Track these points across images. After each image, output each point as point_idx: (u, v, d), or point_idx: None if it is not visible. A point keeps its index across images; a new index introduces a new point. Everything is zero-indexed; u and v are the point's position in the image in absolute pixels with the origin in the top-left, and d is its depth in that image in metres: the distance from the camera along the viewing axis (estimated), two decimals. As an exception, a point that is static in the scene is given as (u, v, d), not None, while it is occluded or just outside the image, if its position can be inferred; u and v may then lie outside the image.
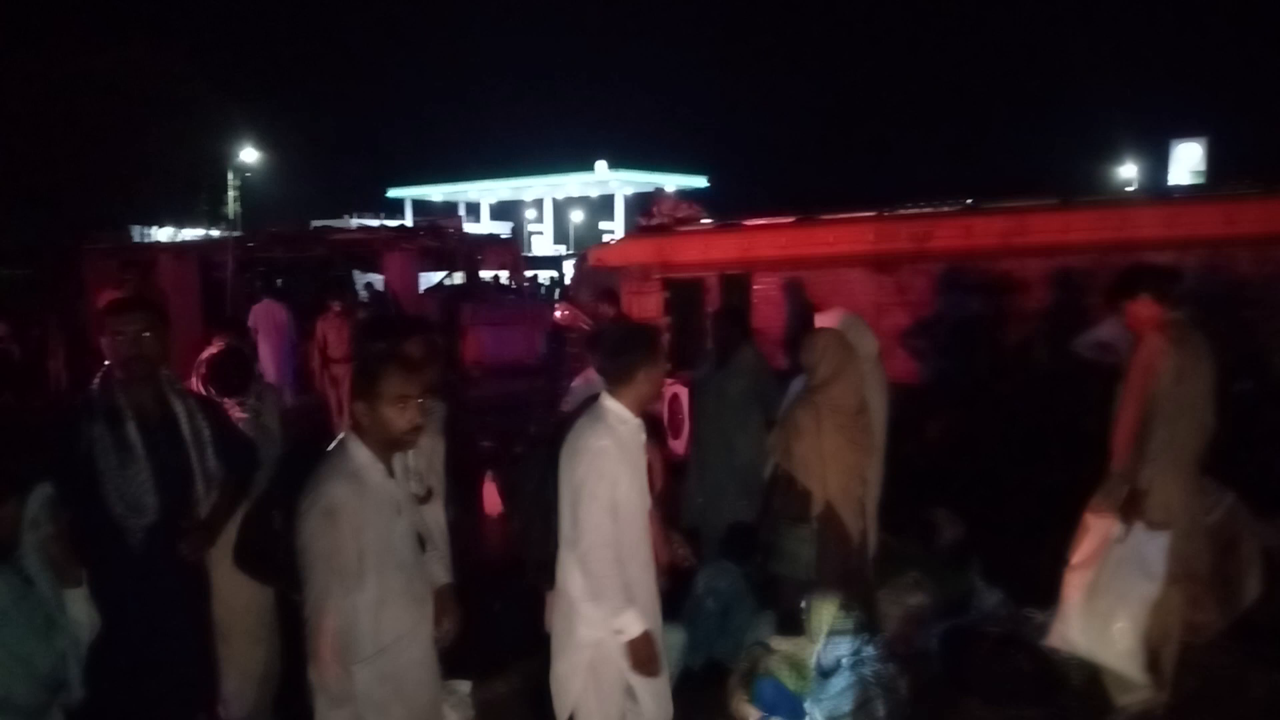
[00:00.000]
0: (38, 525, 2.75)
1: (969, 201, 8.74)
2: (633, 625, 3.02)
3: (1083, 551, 4.20)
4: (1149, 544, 3.97)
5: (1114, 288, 4.16)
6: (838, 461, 4.11)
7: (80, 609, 2.88)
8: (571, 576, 3.09)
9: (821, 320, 4.73)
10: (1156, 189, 22.69)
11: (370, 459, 2.79)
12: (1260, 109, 46.63)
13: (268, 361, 10.30)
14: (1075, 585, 4.19)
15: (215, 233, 26.06)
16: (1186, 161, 32.73)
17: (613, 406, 3.16)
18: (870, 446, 4.32)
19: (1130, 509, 3.99)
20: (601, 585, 3.00)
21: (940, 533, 5.58)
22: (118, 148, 20.58)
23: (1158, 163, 35.25)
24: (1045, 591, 4.70)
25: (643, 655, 3.05)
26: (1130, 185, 35.12)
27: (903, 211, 8.94)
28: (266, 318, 10.76)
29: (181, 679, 3.20)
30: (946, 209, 8.77)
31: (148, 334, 3.15)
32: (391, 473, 2.85)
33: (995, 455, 6.59)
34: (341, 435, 2.84)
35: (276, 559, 2.86)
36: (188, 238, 23.38)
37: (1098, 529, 4.15)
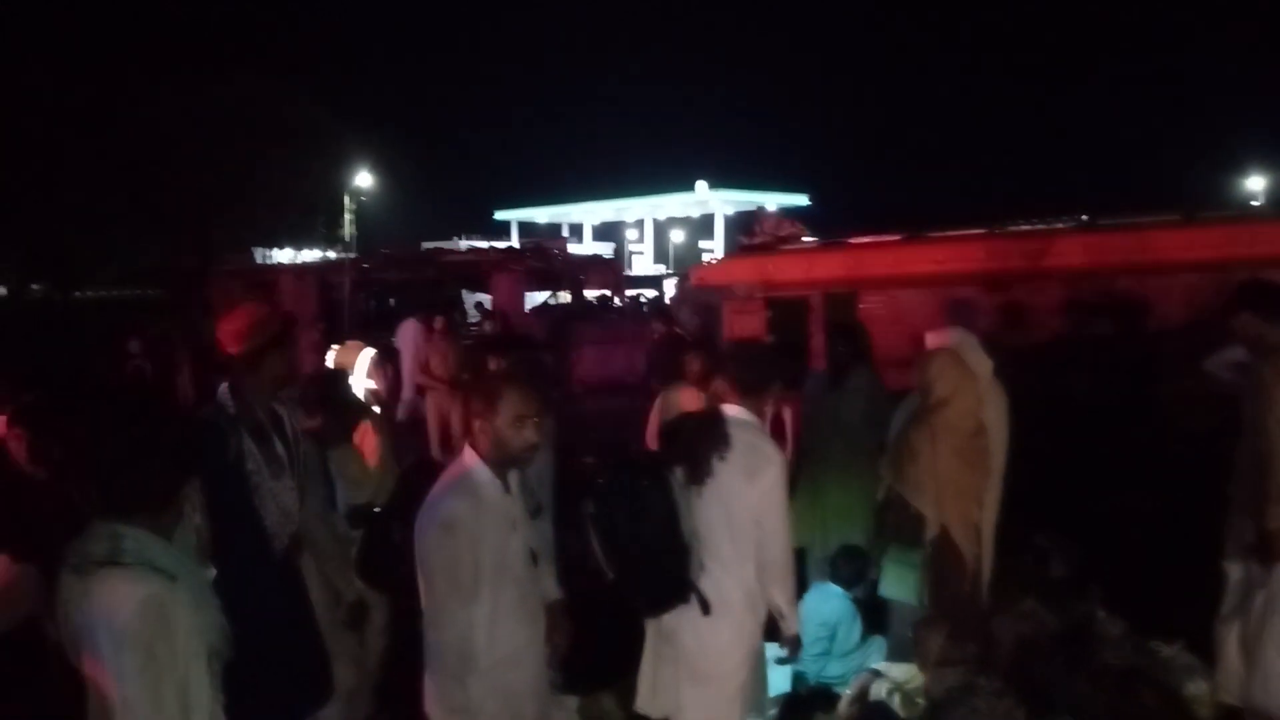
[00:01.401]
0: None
1: (1085, 218, 8.46)
2: (796, 620, 3.40)
3: (1230, 602, 3.97)
4: None
5: (1224, 303, 3.99)
6: (953, 485, 4.02)
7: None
8: (740, 588, 3.24)
9: (933, 339, 4.63)
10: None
11: (488, 475, 2.85)
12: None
13: (406, 377, 10.79)
14: (1230, 638, 3.95)
15: (331, 254, 27.13)
16: (1321, 173, 30.96)
17: (751, 419, 3.29)
18: (988, 469, 4.20)
19: (1265, 551, 3.75)
20: (790, 588, 3.29)
21: (1057, 558, 5.37)
22: (242, 174, 21.65)
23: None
24: (1170, 623, 4.50)
25: (796, 645, 3.49)
26: (1257, 198, 33.45)
27: (1015, 228, 8.71)
28: (407, 336, 11.28)
29: (318, 670, 3.35)
30: (1062, 225, 8.51)
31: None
32: (508, 489, 2.91)
33: (1115, 479, 6.33)
34: (461, 452, 2.92)
35: (397, 571, 2.95)
36: (305, 259, 24.37)
37: (1238, 576, 3.92)
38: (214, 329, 3.48)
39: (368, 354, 4.88)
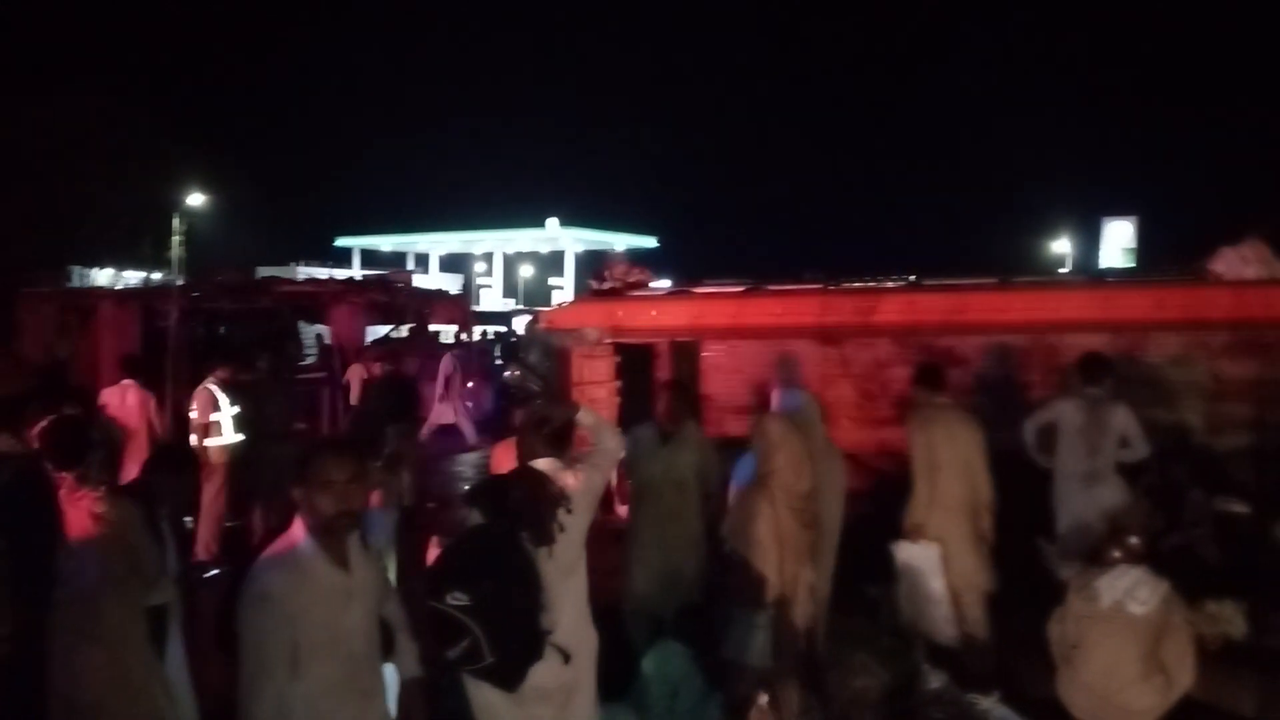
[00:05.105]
0: None
1: (912, 278, 8.97)
2: None
3: None
4: None
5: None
6: (791, 544, 4.13)
7: None
8: (581, 630, 3.31)
9: (776, 399, 4.78)
10: (1090, 272, 23.49)
11: (313, 546, 2.71)
12: (1188, 190, 49.00)
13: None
14: None
15: (157, 276, 25.66)
16: (1117, 239, 34.15)
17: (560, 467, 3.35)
18: (822, 528, 4.36)
19: None
20: None
21: (886, 611, 5.59)
22: (59, 189, 20.29)
23: (1090, 239, 36.71)
24: (991, 675, 4.76)
25: None
26: (1065, 260, 36.52)
27: (848, 286, 9.13)
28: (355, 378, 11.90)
29: None
30: (890, 285, 8.99)
31: None
32: (343, 559, 2.77)
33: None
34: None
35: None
36: (128, 281, 22.95)
37: None
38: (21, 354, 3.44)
39: None
